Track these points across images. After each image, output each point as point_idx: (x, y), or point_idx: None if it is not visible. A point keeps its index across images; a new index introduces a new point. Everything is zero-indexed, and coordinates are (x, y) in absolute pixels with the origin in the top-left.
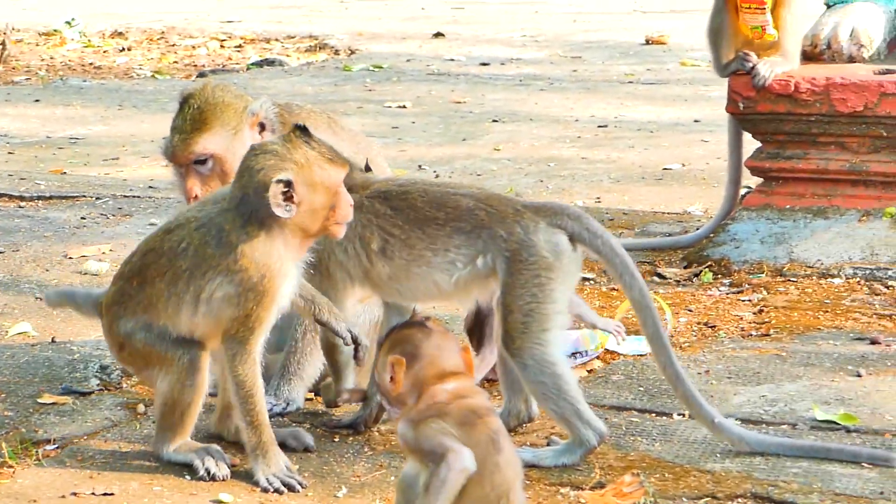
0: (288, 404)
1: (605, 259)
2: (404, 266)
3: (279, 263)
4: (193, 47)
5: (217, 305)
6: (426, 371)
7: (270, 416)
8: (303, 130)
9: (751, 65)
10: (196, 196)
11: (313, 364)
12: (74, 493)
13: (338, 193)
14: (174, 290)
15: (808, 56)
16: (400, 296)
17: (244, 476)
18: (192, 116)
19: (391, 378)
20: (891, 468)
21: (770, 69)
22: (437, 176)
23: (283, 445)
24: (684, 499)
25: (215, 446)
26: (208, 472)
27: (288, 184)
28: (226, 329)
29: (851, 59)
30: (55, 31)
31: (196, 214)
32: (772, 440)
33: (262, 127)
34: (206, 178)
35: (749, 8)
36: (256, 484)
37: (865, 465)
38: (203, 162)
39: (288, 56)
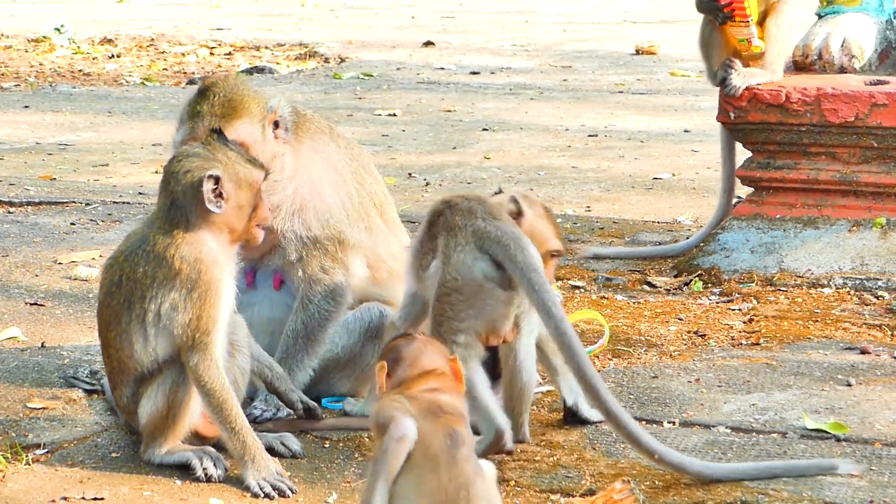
0: (278, 409)
1: (523, 291)
2: None
3: (212, 255)
4: (183, 55)
5: (165, 319)
6: (407, 372)
7: (260, 422)
8: (219, 134)
9: (729, 73)
10: None
11: (304, 369)
12: (64, 498)
13: (259, 193)
14: (119, 329)
15: (800, 66)
16: None
17: (235, 481)
18: (221, 103)
19: (378, 381)
20: (842, 474)
21: (744, 80)
22: (427, 184)
23: (271, 450)
24: None
25: (211, 448)
26: (205, 472)
27: (217, 180)
28: (182, 341)
29: (842, 70)
30: (44, 37)
31: (122, 248)
32: (715, 466)
33: (276, 125)
34: None
35: (734, 21)
36: (247, 489)
37: (854, 473)
38: None
39: (278, 64)
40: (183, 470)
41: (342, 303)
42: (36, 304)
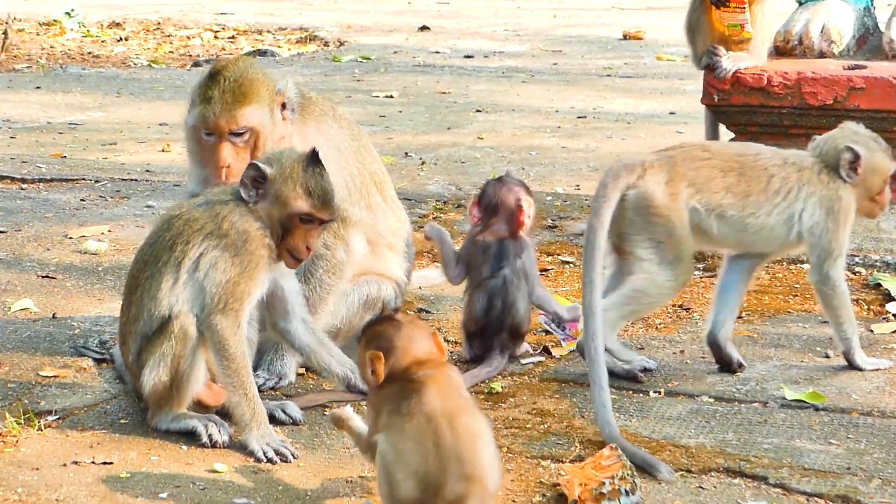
0: (280, 379)
1: None
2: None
3: (261, 233)
4: (188, 38)
5: (202, 271)
6: (401, 361)
7: (262, 391)
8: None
9: (716, 58)
10: (229, 165)
11: None
12: (75, 462)
13: (296, 220)
14: (154, 268)
15: (781, 51)
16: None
17: (239, 447)
18: (232, 88)
19: (372, 371)
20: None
21: (733, 64)
22: (422, 162)
23: (273, 418)
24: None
25: (215, 416)
26: (210, 438)
27: (257, 169)
28: (213, 302)
29: (822, 55)
30: (55, 21)
31: (183, 205)
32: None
33: (283, 106)
34: (239, 150)
35: (729, 7)
36: (251, 454)
37: (833, 441)
38: (240, 133)
39: (279, 47)
40: (189, 436)
41: (342, 277)
42: (47, 276)
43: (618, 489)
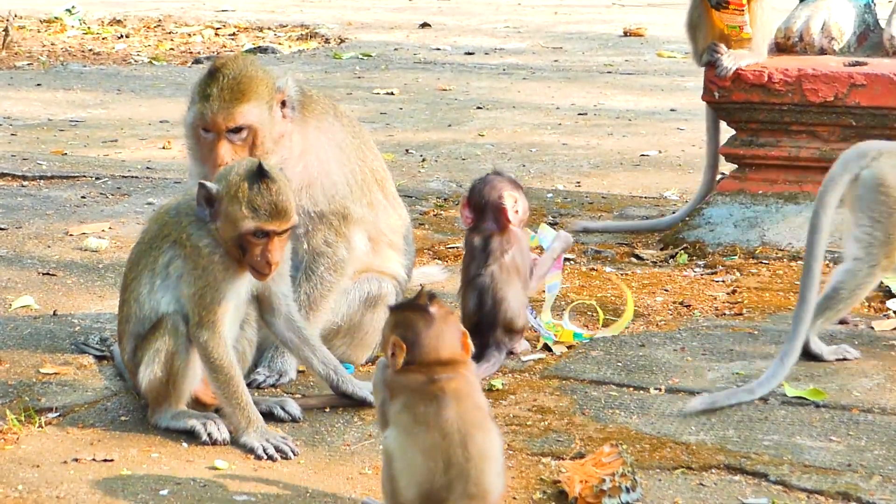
0: (281, 376)
1: None
2: None
3: (211, 251)
4: (189, 35)
5: (171, 278)
6: (423, 357)
7: (263, 388)
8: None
9: (717, 55)
10: (227, 163)
11: None
12: (76, 459)
13: (247, 239)
14: (137, 270)
15: (781, 48)
16: None
17: (240, 444)
18: (230, 86)
19: (392, 354)
20: None
21: (734, 61)
22: (423, 160)
23: (272, 415)
24: (660, 469)
25: (214, 414)
26: (210, 436)
27: (208, 190)
28: (191, 317)
29: (823, 52)
30: (56, 18)
31: (173, 202)
32: None
33: (283, 104)
34: (237, 148)
35: (728, 9)
36: (251, 451)
37: (833, 438)
38: (238, 131)
39: (280, 44)
40: (189, 434)
41: (344, 274)
42: (48, 273)
43: (618, 486)
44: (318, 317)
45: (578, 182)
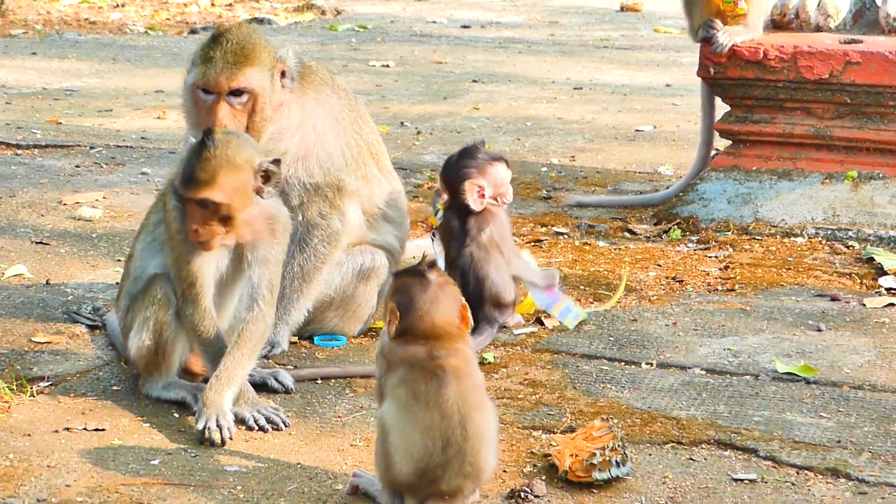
0: (273, 347)
1: None
2: None
3: (172, 218)
4: (185, 4)
5: (159, 241)
6: (417, 324)
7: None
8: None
9: (713, 31)
10: (225, 126)
11: (299, 309)
12: (67, 428)
13: (185, 203)
14: (142, 225)
15: (777, 25)
16: None
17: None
18: (234, 50)
19: (389, 321)
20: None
21: (729, 38)
22: (418, 132)
23: (265, 386)
24: (650, 443)
25: (205, 385)
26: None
27: None
28: (177, 292)
29: (818, 29)
30: None
31: None
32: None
33: (283, 74)
34: (236, 112)
35: None
36: (242, 421)
37: (824, 414)
38: (239, 94)
39: (276, 15)
40: (181, 404)
41: (338, 246)
42: (41, 242)
43: (608, 460)
44: (312, 288)
45: (573, 156)
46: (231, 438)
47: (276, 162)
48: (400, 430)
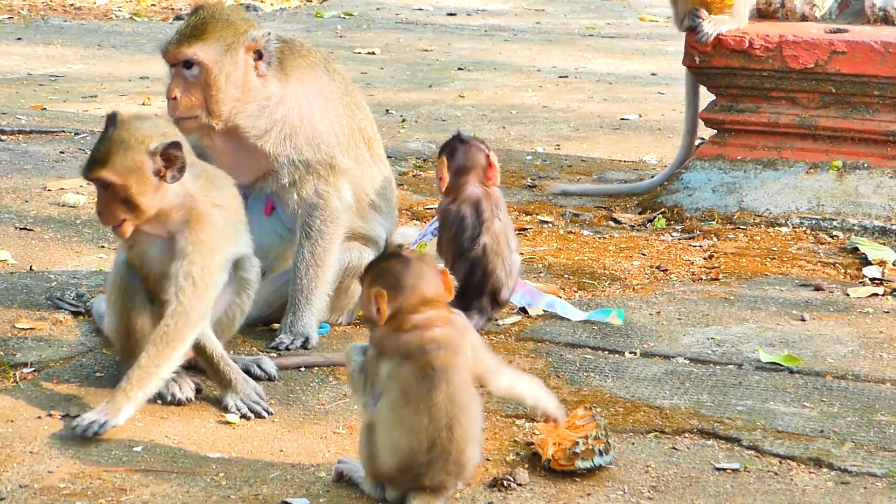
0: (306, 339)
1: None
2: None
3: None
4: None
5: None
6: (408, 300)
7: (286, 351)
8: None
9: (698, 20)
10: (175, 97)
11: (320, 296)
12: (50, 415)
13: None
14: None
15: (763, 14)
16: None
17: (214, 402)
18: (195, 23)
19: (377, 309)
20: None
21: (714, 27)
22: (403, 120)
23: (248, 373)
24: (633, 433)
25: (183, 371)
26: (173, 396)
27: None
28: None
29: (804, 18)
30: None
31: None
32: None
33: (260, 55)
34: (190, 85)
35: None
36: (225, 409)
37: (807, 404)
38: (190, 66)
39: (262, 2)
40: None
41: (340, 224)
42: (25, 228)
43: (591, 449)
44: (327, 272)
45: (558, 145)
46: (93, 436)
47: (175, 145)
48: (386, 428)
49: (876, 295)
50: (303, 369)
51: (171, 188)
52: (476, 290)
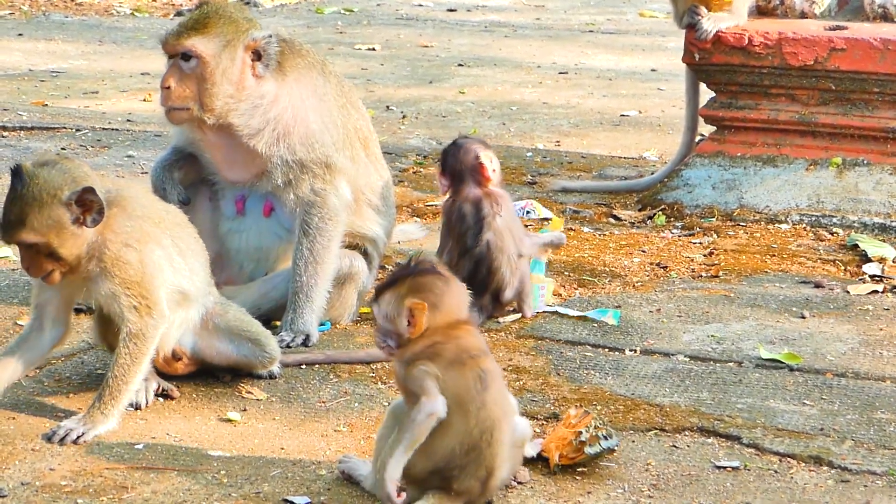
0: (307, 337)
1: None
2: None
3: None
4: None
5: None
6: (441, 320)
7: (287, 349)
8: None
9: (697, 17)
10: (168, 87)
11: (320, 293)
12: (52, 411)
13: None
14: None
15: (762, 11)
16: None
17: (214, 400)
18: (197, 17)
19: (409, 322)
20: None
21: (714, 24)
22: (403, 116)
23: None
24: (634, 430)
25: (150, 378)
26: (137, 403)
27: None
28: None
29: (803, 15)
30: None
31: None
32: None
33: (258, 56)
34: (185, 77)
35: None
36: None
37: (807, 402)
38: (188, 59)
39: None
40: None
41: (339, 222)
42: None
43: (595, 435)
44: (326, 269)
45: (558, 141)
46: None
47: (88, 190)
48: (431, 433)
49: (876, 292)
50: (303, 367)
51: (89, 232)
52: (479, 288)
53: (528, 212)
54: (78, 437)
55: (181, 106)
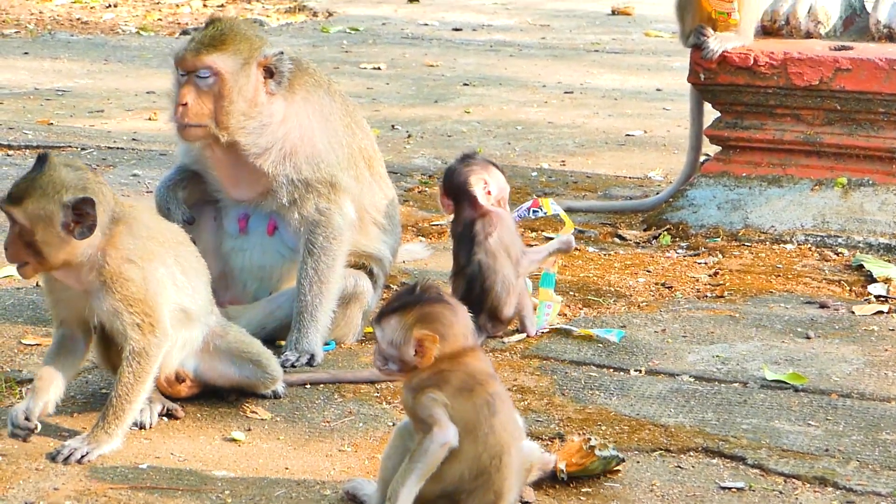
0: (312, 357)
1: None
2: None
3: None
4: (178, 5)
5: None
6: (449, 349)
7: (292, 368)
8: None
9: (704, 38)
10: (185, 104)
11: (325, 313)
12: (56, 431)
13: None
14: None
15: (767, 31)
16: None
17: (217, 420)
18: (213, 34)
19: (416, 352)
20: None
21: (720, 44)
22: (409, 135)
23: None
24: (638, 451)
25: (154, 399)
26: (141, 424)
27: None
28: None
29: (808, 35)
30: None
31: None
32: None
33: (271, 73)
34: (202, 94)
35: None
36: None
37: (812, 422)
38: (205, 77)
39: (268, 16)
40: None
41: (344, 241)
42: None
43: (603, 443)
44: (331, 289)
45: (563, 161)
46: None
47: (87, 201)
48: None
49: (881, 312)
50: (308, 386)
51: (80, 244)
52: (475, 307)
53: (535, 211)
54: (82, 457)
55: (197, 123)
